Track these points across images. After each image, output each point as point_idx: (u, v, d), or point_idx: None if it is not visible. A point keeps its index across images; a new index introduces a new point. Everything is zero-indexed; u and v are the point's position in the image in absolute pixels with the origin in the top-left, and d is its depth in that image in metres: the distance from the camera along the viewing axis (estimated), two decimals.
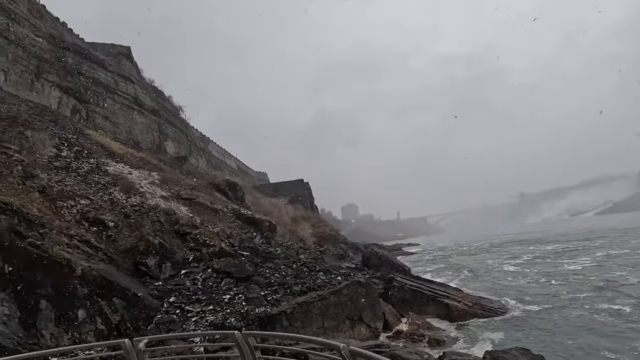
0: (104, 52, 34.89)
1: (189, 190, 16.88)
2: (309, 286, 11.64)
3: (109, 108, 31.55)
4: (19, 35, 25.10)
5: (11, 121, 13.15)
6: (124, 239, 11.04)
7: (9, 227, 8.02)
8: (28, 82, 25.04)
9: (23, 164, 10.88)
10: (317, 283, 12.05)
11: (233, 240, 14.19)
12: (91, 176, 12.95)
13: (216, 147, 58.56)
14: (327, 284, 11.68)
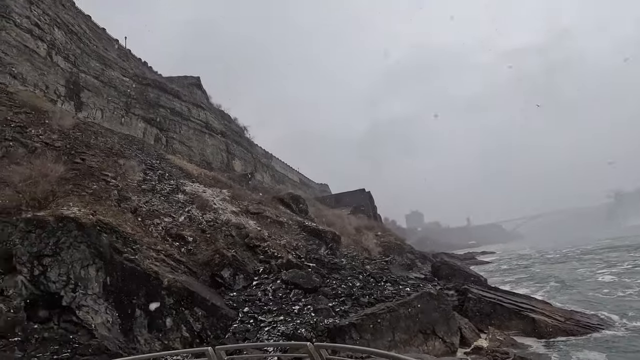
0: (178, 84, 38.84)
1: (256, 204, 17.78)
2: (377, 297, 11.41)
3: (184, 134, 34.92)
4: (111, 77, 29.17)
5: (108, 152, 15.21)
6: (201, 253, 11.96)
7: (109, 244, 9.20)
8: (119, 117, 28.84)
9: (118, 188, 12.46)
10: (384, 294, 11.76)
11: (299, 252, 14.54)
12: (172, 196, 14.34)
13: (279, 162, 61.00)
14: (395, 295, 11.35)
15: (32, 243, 8.78)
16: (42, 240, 8.84)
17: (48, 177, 10.86)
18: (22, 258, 8.69)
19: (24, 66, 21.83)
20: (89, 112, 25.75)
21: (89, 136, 16.03)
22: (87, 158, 13.54)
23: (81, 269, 8.82)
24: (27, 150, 12.47)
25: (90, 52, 27.90)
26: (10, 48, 21.13)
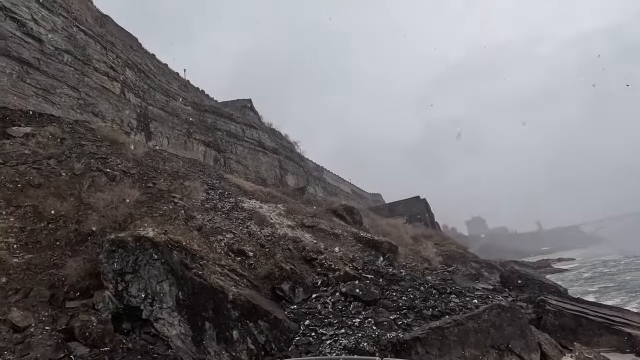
0: (232, 107, 41.30)
1: (310, 218, 18.04)
2: (442, 310, 10.83)
3: (240, 153, 36.87)
4: (174, 107, 31.94)
5: (174, 175, 16.56)
6: (261, 267, 12.36)
7: (180, 261, 9.92)
8: (182, 142, 31.35)
9: (185, 208, 13.46)
10: (449, 306, 11.13)
11: (356, 264, 14.40)
12: (232, 213, 15.13)
13: (330, 174, 61.53)
14: (462, 308, 10.68)
15: (116, 261, 9.78)
16: (124, 259, 9.81)
17: (126, 202, 12.11)
18: (108, 275, 9.71)
19: (103, 105, 24.75)
20: (157, 140, 28.38)
21: (158, 162, 17.60)
22: (158, 182, 14.86)
23: (157, 284, 9.60)
24: (109, 179, 14.04)
25: (155, 87, 30.89)
26: (92, 90, 24.13)
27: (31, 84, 20.64)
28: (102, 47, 25.96)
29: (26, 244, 10.84)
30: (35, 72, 20.97)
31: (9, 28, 19.92)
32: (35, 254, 10.57)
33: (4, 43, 19.64)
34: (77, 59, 23.59)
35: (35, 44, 21.26)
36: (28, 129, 15.26)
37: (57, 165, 14.09)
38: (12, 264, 9.98)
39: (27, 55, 20.68)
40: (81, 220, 11.72)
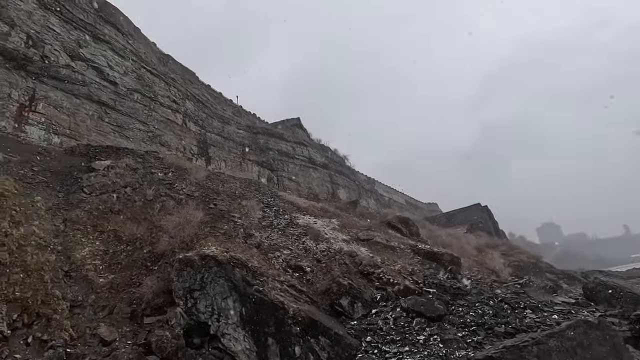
0: (282, 127, 42.86)
1: (365, 231, 17.81)
2: (516, 327, 9.94)
3: (291, 171, 37.91)
4: (229, 132, 33.98)
5: (232, 196, 17.46)
6: (319, 282, 12.40)
7: (242, 278, 10.32)
8: (238, 164, 33.10)
9: (243, 226, 14.08)
10: (525, 323, 10.18)
11: (416, 277, 13.83)
12: (288, 229, 15.48)
13: (381, 186, 60.57)
14: (539, 325, 9.71)
15: (185, 279, 10.46)
16: (192, 277, 10.46)
17: (192, 223, 13.00)
18: (179, 292, 10.40)
19: (168, 135, 27.11)
20: (215, 164, 30.31)
21: (217, 184, 18.72)
22: (218, 203, 15.77)
23: (222, 300, 10.06)
24: (176, 202, 15.21)
25: (212, 114, 33.21)
26: (159, 123, 26.58)
27: (109, 122, 23.34)
28: (166, 84, 28.66)
29: (109, 265, 12.06)
30: (112, 112, 23.70)
31: (90, 75, 22.90)
32: (117, 274, 11.70)
33: (87, 89, 22.54)
34: (145, 96, 26.28)
35: (111, 87, 24.10)
36: (108, 162, 17.19)
37: (132, 192, 15.63)
38: (99, 283, 11.14)
39: (105, 98, 23.50)
40: (154, 241, 12.78)
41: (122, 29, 26.45)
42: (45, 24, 20.78)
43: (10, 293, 8.82)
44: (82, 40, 22.73)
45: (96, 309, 10.36)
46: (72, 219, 13.22)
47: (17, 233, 10.44)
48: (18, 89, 18.93)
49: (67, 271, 11.10)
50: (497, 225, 46.57)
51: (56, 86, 20.76)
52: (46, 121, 19.85)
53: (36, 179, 14.23)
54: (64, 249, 11.79)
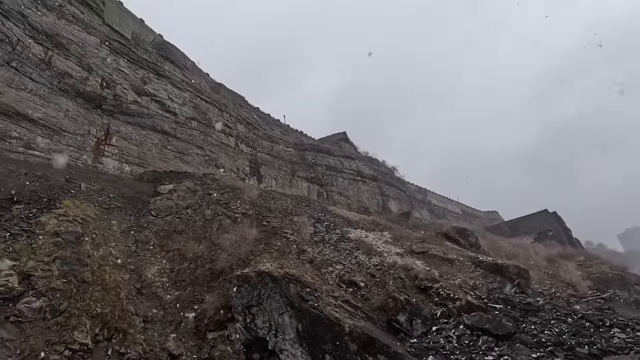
0: (329, 142, 43.36)
1: (419, 243, 17.15)
2: (602, 348, 8.80)
3: (340, 185, 37.97)
4: (278, 151, 35.13)
5: (284, 212, 17.90)
6: (374, 297, 12.10)
7: (296, 293, 10.43)
8: (288, 181, 33.95)
9: (296, 242, 14.31)
10: (613, 344, 8.98)
11: (479, 292, 12.92)
12: (340, 244, 15.43)
13: (434, 195, 58.24)
14: (632, 346, 8.50)
15: (243, 295, 10.82)
16: (249, 293, 10.79)
17: (247, 240, 13.51)
18: (238, 308, 10.77)
19: (222, 157, 28.74)
20: (266, 182, 31.41)
21: (269, 202, 19.33)
22: (271, 220, 16.25)
23: (278, 316, 10.23)
24: (232, 221, 15.95)
25: (261, 135, 34.66)
26: (214, 147, 28.32)
27: (171, 150, 25.38)
28: (219, 110, 30.61)
29: (175, 282, 12.89)
30: (173, 139, 25.76)
31: (154, 108, 25.21)
32: (182, 291, 12.46)
33: (152, 121, 24.80)
34: (201, 123, 28.26)
35: (172, 117, 26.28)
36: (171, 186, 18.63)
37: (193, 213, 16.70)
38: (166, 299, 11.94)
39: (167, 127, 25.67)
40: (214, 259, 13.46)
41: (179, 63, 28.98)
42: (116, 67, 23.48)
43: (93, 309, 9.77)
44: (146, 78, 25.27)
45: (165, 324, 11.08)
46: (142, 239, 14.42)
47: (97, 254, 11.64)
48: (95, 125, 21.46)
49: (139, 288, 12.07)
50: (570, 233, 42.17)
51: (126, 120, 23.19)
52: (119, 152, 22.17)
53: (112, 205, 15.83)
54: (136, 268, 12.86)
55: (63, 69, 20.14)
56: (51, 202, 12.79)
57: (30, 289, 9.11)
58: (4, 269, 9.15)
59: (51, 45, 19.75)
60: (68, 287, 9.73)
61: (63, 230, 11.37)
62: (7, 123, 17.17)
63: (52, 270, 9.86)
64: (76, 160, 19.77)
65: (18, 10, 18.33)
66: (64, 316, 9.12)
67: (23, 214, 11.64)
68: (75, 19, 21.45)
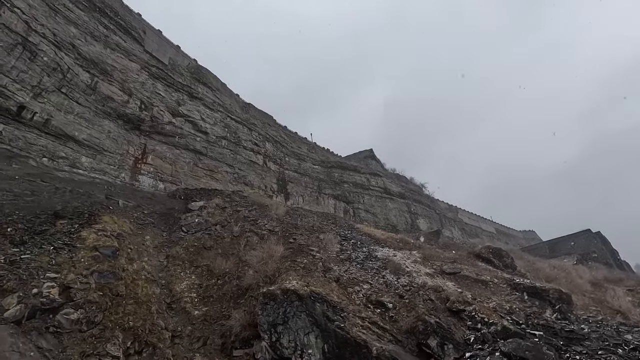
0: (355, 159, 43.33)
1: (450, 264, 16.51)
2: None
3: (367, 202, 37.57)
4: (305, 168, 35.46)
5: (310, 229, 17.89)
6: (403, 320, 11.67)
7: (322, 313, 10.27)
8: (314, 198, 34.03)
9: (322, 260, 14.19)
10: None
11: (516, 317, 12.15)
12: (366, 263, 15.14)
13: (466, 214, 56.27)
14: None
15: (269, 313, 10.79)
16: (275, 311, 10.75)
17: (274, 257, 13.57)
18: (263, 326, 10.72)
19: (251, 175, 29.37)
20: (293, 199, 31.66)
21: (296, 219, 19.42)
22: (297, 237, 16.28)
23: (304, 336, 10.08)
24: (259, 237, 16.12)
25: (289, 153, 35.22)
26: (243, 165, 29.04)
27: (202, 168, 26.28)
28: (248, 129, 31.53)
29: (203, 297, 13.09)
30: (204, 158, 26.70)
31: (187, 128, 26.35)
32: (210, 307, 12.60)
33: (185, 140, 25.88)
34: (231, 142, 29.19)
35: (203, 137, 27.34)
36: (201, 203, 19.20)
37: (221, 229, 17.06)
38: (194, 315, 12.11)
39: (198, 146, 26.69)
40: (241, 275, 13.59)
41: (212, 85, 30.36)
42: (153, 90, 24.94)
43: (125, 322, 10.08)
44: (180, 100, 26.63)
45: (192, 340, 11.20)
46: (173, 255, 14.85)
47: (131, 268, 12.08)
48: (134, 145, 22.71)
49: (169, 303, 12.34)
50: (617, 255, 39.13)
51: (161, 140, 24.40)
52: (154, 170, 23.25)
53: (146, 221, 16.50)
54: (167, 283, 13.21)
55: (107, 93, 21.65)
56: (92, 218, 13.52)
57: (69, 300, 9.56)
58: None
59: (97, 72, 21.35)
60: (103, 300, 10.13)
61: (101, 245, 11.94)
62: (56, 144, 18.54)
63: (89, 283, 10.32)
64: (115, 178, 20.91)
65: (69, 41, 20.06)
66: (99, 328, 9.45)
67: (66, 229, 12.37)
68: (118, 47, 23.15)
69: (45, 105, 18.19)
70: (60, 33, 19.63)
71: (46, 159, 17.89)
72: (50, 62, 18.64)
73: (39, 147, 17.72)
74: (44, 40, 18.54)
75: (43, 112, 18.03)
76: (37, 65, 18.01)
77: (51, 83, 18.63)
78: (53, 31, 19.13)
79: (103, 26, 22.45)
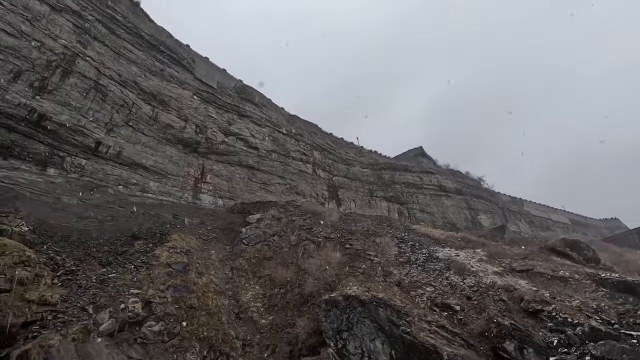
0: (405, 158, 42.25)
1: (520, 260, 15.33)
2: None
3: (422, 201, 36.35)
4: (354, 173, 35.36)
5: (366, 234, 17.74)
6: (473, 322, 11.05)
7: (386, 318, 10.09)
8: (367, 202, 33.73)
9: (381, 264, 13.99)
10: None
11: (606, 316, 10.90)
12: (428, 264, 14.62)
13: (533, 205, 51.97)
14: None
15: (332, 320, 10.84)
16: (338, 317, 10.78)
17: (332, 264, 13.66)
18: (328, 333, 10.80)
19: (302, 184, 29.96)
20: (345, 205, 31.66)
21: (350, 224, 19.40)
22: (353, 243, 16.23)
23: (370, 342, 9.96)
24: (315, 245, 16.35)
25: (337, 159, 35.39)
26: (293, 175, 29.75)
27: (256, 181, 27.40)
28: (295, 140, 32.32)
29: (268, 307, 13.55)
30: (257, 172, 27.82)
31: (239, 146, 27.68)
32: (275, 315, 13.01)
33: (238, 157, 27.18)
34: (281, 154, 30.11)
35: (255, 152, 28.54)
36: (258, 215, 20.00)
37: (279, 239, 17.60)
38: (262, 324, 12.58)
39: (251, 162, 27.90)
40: (301, 283, 13.86)
41: (258, 102, 31.71)
42: (206, 114, 26.70)
43: (200, 332, 10.77)
44: (231, 120, 28.17)
45: (262, 348, 11.62)
46: (237, 267, 15.61)
47: (201, 281, 12.92)
48: (193, 167, 24.42)
49: (237, 313, 12.97)
50: None
51: (217, 159, 25.95)
52: (213, 188, 24.76)
53: (210, 236, 17.57)
54: (233, 294, 13.90)
55: (166, 122, 23.61)
56: (163, 237, 14.74)
57: (150, 314, 10.47)
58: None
59: (156, 103, 23.41)
60: (180, 312, 10.94)
61: (173, 261, 12.95)
62: (128, 172, 20.58)
63: (166, 297, 11.22)
64: (179, 198, 22.61)
65: (132, 79, 22.28)
66: (178, 338, 10.22)
67: (142, 249, 13.62)
68: (172, 78, 25.20)
69: (116, 138, 20.33)
70: (124, 73, 21.88)
71: (121, 187, 19.91)
72: (118, 100, 20.84)
73: (114, 177, 19.80)
74: (111, 81, 20.81)
75: (115, 145, 20.16)
76: (108, 104, 20.24)
77: (120, 118, 20.79)
78: (118, 72, 21.41)
79: (158, 61, 24.62)
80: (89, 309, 9.82)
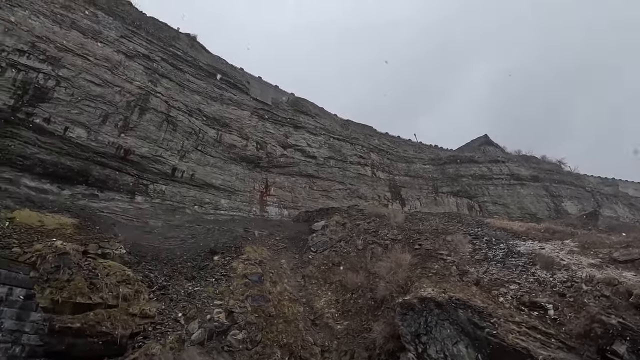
0: (469, 149, 39.80)
1: (622, 249, 13.39)
2: None
3: (493, 193, 33.83)
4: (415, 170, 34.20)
5: (434, 232, 16.99)
6: (570, 322, 9.90)
7: (467, 320, 9.51)
8: (432, 199, 32.38)
9: (455, 263, 13.26)
10: None
11: None
12: (508, 260, 13.49)
13: (631, 185, 45.37)
14: None
15: (409, 324, 10.53)
16: (415, 321, 10.44)
17: (402, 266, 13.31)
18: (406, 337, 10.50)
19: (362, 188, 29.81)
20: (410, 204, 30.74)
21: (417, 224, 18.75)
22: (422, 243, 15.65)
23: (452, 345, 9.47)
24: (382, 248, 16.09)
25: (395, 158, 34.62)
26: (352, 179, 29.76)
27: (317, 189, 27.92)
28: (351, 144, 32.36)
29: (342, 312, 13.62)
30: (317, 180, 28.35)
31: (297, 157, 28.50)
32: (350, 320, 13.02)
33: (297, 168, 27.97)
34: (338, 160, 30.35)
35: (313, 161, 29.15)
36: (322, 222, 20.31)
37: (346, 245, 17.66)
38: (337, 330, 12.67)
39: (310, 171, 28.53)
40: (373, 287, 13.71)
41: (311, 112, 32.44)
42: (264, 130, 28.05)
43: (280, 340, 11.21)
44: (287, 133, 29.21)
45: (340, 354, 11.69)
46: (308, 274, 15.98)
47: (275, 290, 13.47)
48: (257, 181, 25.74)
49: (312, 320, 13.24)
50: None
51: (279, 172, 27.03)
52: (277, 200, 25.80)
53: (279, 246, 18.27)
54: (307, 301, 14.23)
55: (230, 142, 25.28)
56: (237, 250, 15.70)
57: (233, 323, 11.18)
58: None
59: (219, 126, 25.22)
60: (259, 321, 11.51)
61: (249, 272, 13.71)
62: (202, 193, 22.39)
63: (246, 306, 11.89)
64: (248, 212, 23.94)
65: (196, 107, 24.34)
66: (260, 346, 10.75)
67: (220, 262, 14.64)
68: (231, 101, 26.98)
69: (188, 163, 22.29)
70: (189, 102, 24.00)
71: (197, 207, 21.71)
72: (186, 128, 22.89)
73: (190, 198, 21.67)
74: (179, 112, 22.96)
75: (188, 169, 22.10)
76: (178, 133, 22.33)
77: (190, 144, 22.79)
78: (184, 103, 23.55)
79: (217, 87, 26.57)
80: (181, 320, 10.81)
